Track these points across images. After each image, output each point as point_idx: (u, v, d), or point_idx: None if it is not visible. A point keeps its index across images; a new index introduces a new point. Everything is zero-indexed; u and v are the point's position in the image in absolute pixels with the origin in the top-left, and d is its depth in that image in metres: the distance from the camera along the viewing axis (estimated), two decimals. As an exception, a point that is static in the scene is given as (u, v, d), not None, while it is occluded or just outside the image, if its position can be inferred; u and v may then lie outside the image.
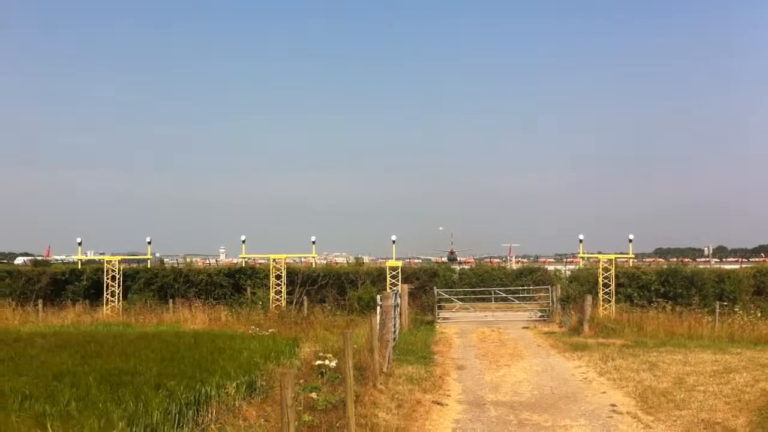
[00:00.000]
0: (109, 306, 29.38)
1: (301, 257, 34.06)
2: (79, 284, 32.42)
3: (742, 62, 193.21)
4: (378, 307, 17.37)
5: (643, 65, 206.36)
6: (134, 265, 35.28)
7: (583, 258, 34.74)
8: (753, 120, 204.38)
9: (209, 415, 9.87)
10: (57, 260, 62.78)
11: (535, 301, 32.04)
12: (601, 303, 27.45)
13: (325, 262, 47.21)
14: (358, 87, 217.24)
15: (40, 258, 62.28)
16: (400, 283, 28.24)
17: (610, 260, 28.50)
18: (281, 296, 29.02)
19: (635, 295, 29.40)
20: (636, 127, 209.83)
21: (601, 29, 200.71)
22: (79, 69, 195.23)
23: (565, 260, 79.48)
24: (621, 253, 29.67)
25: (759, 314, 24.08)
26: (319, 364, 12.95)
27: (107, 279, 29.89)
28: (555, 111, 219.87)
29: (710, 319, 23.81)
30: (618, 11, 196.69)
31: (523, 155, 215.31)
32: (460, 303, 31.98)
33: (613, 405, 12.18)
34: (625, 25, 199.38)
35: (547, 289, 30.73)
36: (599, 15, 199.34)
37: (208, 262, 63.93)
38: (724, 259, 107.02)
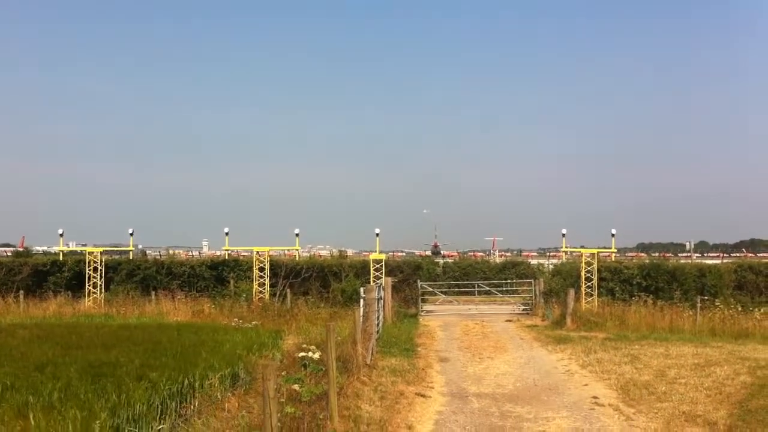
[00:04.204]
0: (91, 297, 29.12)
1: (284, 250, 34.00)
2: (60, 275, 32.20)
3: (733, 58, 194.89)
4: (361, 300, 17.37)
5: (626, 62, 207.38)
6: (116, 257, 35.01)
7: (566, 252, 35.04)
8: (737, 117, 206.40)
9: (192, 406, 9.84)
10: (38, 251, 62.18)
11: (518, 294, 32.24)
12: (584, 297, 27.65)
13: (308, 254, 47.12)
14: (342, 81, 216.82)
15: (20, 249, 61.64)
16: (383, 276, 28.26)
17: (593, 254, 28.72)
18: (264, 288, 28.93)
19: (617, 289, 29.64)
20: (619, 123, 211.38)
21: (591, 27, 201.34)
22: (68, 61, 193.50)
23: (548, 254, 79.94)
24: (603, 248, 29.95)
25: (740, 308, 24.34)
26: (303, 356, 12.90)
27: (89, 270, 29.59)
28: (539, 107, 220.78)
29: (691, 313, 24.02)
30: (609, 11, 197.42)
31: (507, 150, 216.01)
32: (444, 296, 32.09)
33: (595, 397, 12.27)
34: (612, 23, 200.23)
35: (530, 282, 30.90)
36: (591, 14, 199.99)
37: (191, 254, 63.60)
38: (705, 254, 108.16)
